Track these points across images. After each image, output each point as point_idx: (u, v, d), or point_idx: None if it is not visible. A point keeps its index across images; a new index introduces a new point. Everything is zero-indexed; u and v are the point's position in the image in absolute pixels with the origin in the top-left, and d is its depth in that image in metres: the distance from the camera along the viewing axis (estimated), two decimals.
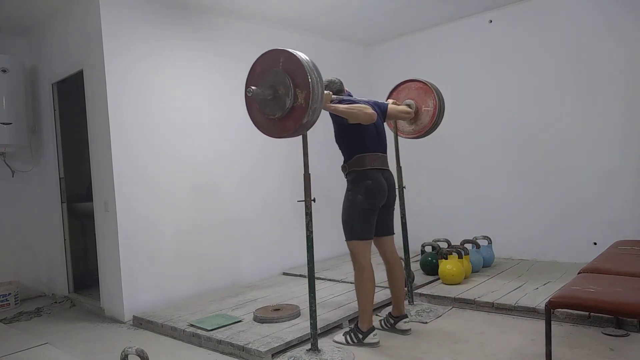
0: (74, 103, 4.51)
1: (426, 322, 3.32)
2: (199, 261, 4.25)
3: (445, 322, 3.31)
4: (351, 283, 3.76)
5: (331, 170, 3.97)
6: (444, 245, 4.51)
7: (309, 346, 2.83)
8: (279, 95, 2.49)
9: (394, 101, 3.47)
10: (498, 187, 5.00)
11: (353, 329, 3.01)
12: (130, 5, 3.92)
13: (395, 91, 3.65)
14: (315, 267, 2.84)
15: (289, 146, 4.18)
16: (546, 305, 2.23)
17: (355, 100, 3.03)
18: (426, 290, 3.88)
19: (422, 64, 5.47)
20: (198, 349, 3.10)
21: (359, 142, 2.97)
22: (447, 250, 4.12)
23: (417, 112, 3.52)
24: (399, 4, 4.63)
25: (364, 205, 2.90)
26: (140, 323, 3.65)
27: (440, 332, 3.12)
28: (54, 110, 4.55)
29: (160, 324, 3.45)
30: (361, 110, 2.89)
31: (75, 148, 4.71)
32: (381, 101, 3.29)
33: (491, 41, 5.00)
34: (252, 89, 2.50)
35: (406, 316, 3.17)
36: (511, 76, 4.87)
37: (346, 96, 3.09)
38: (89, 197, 4.24)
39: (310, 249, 2.78)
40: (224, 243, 4.45)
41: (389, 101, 3.43)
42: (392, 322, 3.17)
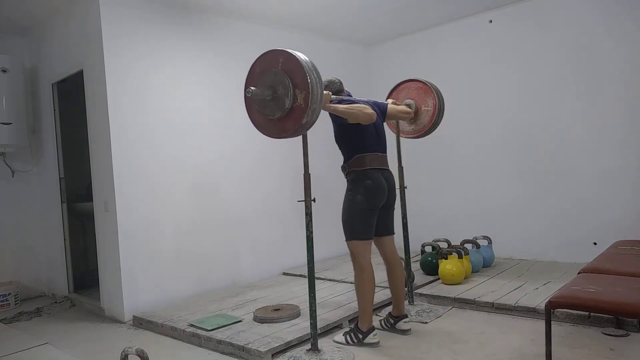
0: (74, 103, 4.51)
1: (426, 322, 3.32)
2: (199, 261, 4.25)
3: (445, 322, 3.31)
4: (351, 283, 3.76)
5: (331, 170, 3.97)
6: (444, 245, 4.51)
7: (309, 346, 2.83)
8: (278, 95, 2.49)
9: (394, 101, 3.46)
10: (498, 187, 5.00)
11: (353, 329, 3.01)
12: (130, 5, 3.93)
13: (395, 91, 3.65)
14: (315, 267, 2.84)
15: (288, 146, 4.18)
16: (546, 305, 2.23)
17: (354, 100, 3.02)
18: (426, 290, 3.88)
19: (422, 64, 5.47)
20: (198, 349, 3.10)
21: (359, 142, 2.97)
22: (447, 250, 4.12)
23: (416, 111, 3.52)
24: (399, 4, 4.62)
25: (363, 205, 2.90)
26: (140, 323, 3.65)
27: (440, 332, 3.12)
28: (54, 110, 4.55)
29: (160, 324, 3.45)
30: (361, 110, 2.89)
31: (75, 148, 4.71)
32: (381, 101, 3.28)
33: (491, 41, 5.00)
34: (251, 90, 2.49)
35: (406, 316, 3.17)
36: (511, 76, 4.87)
37: (346, 96, 3.09)
38: (89, 197, 4.24)
39: (310, 249, 2.78)
40: (224, 243, 4.45)
41: (389, 101, 3.42)
42: (392, 322, 3.17)
